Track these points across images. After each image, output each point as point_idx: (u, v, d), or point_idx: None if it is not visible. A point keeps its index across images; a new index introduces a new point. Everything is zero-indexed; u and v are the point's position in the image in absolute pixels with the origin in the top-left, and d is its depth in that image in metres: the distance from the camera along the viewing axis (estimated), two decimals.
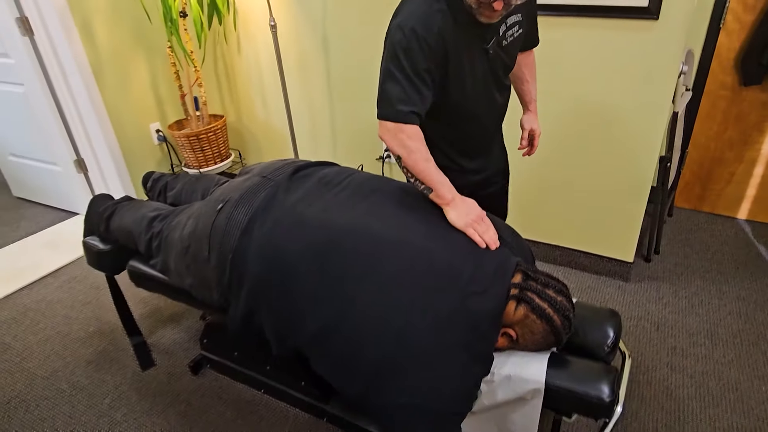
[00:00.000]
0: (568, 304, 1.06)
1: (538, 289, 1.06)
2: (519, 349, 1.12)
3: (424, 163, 1.17)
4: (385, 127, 1.18)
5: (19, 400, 1.71)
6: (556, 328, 1.05)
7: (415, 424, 0.99)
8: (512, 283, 1.07)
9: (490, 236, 1.15)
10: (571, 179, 2.03)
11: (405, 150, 1.16)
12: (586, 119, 1.89)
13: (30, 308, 2.16)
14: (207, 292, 1.30)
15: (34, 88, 2.52)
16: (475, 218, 1.17)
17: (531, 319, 1.05)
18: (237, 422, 1.59)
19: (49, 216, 2.92)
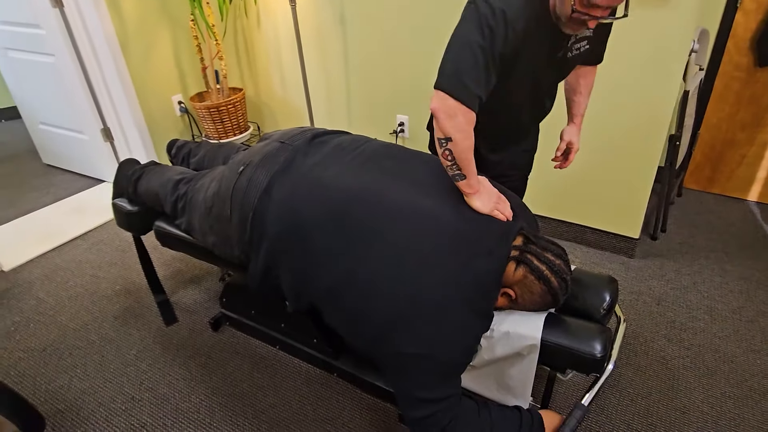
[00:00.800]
0: (565, 267, 1.13)
1: (538, 252, 1.12)
2: (518, 308, 1.19)
3: (469, 152, 1.14)
4: (444, 102, 1.10)
5: (53, 348, 1.85)
6: (553, 289, 1.12)
7: (421, 372, 1.08)
8: (513, 246, 1.14)
9: (508, 212, 1.21)
10: (579, 155, 2.07)
11: (460, 134, 1.11)
12: (596, 95, 1.92)
13: (61, 267, 2.30)
14: (228, 249, 1.39)
15: (63, 59, 2.61)
16: (496, 200, 1.21)
17: (529, 279, 1.12)
18: (253, 375, 1.71)
19: (77, 183, 3.06)
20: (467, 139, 1.12)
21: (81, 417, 1.58)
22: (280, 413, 1.57)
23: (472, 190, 1.17)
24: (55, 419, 1.57)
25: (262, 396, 1.63)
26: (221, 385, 1.67)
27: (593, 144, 2.02)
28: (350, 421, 1.53)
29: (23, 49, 2.74)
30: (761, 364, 1.65)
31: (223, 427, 1.53)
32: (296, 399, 1.61)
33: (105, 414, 1.59)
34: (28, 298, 2.10)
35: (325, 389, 1.64)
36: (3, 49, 2.83)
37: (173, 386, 1.68)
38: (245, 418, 1.55)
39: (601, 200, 2.12)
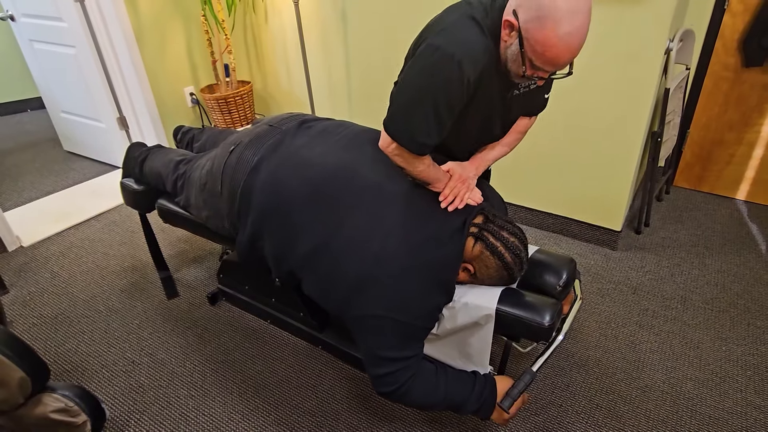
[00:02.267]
0: (519, 245, 1.22)
1: (494, 230, 1.22)
2: (477, 283, 1.29)
3: (425, 172, 1.22)
4: (391, 145, 1.16)
5: (64, 316, 2.00)
6: (507, 264, 1.21)
7: (383, 332, 1.18)
8: (473, 223, 1.24)
9: (477, 197, 1.31)
10: (563, 150, 2.15)
11: (410, 166, 1.20)
12: (576, 92, 2.00)
13: (75, 245, 2.46)
14: (220, 222, 1.52)
15: (84, 51, 2.78)
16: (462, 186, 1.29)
17: (485, 255, 1.21)
18: (245, 345, 1.83)
19: (94, 168, 3.23)
20: (418, 166, 1.20)
21: (85, 377, 1.72)
22: (266, 379, 1.69)
23: (439, 188, 1.28)
24: (62, 377, 1.72)
25: (251, 364, 1.75)
26: (214, 353, 1.80)
27: (575, 138, 2.10)
28: (330, 388, 1.65)
29: (47, 41, 2.92)
30: (726, 350, 1.72)
31: (213, 389, 1.65)
32: (282, 367, 1.73)
33: (107, 375, 1.73)
34: (43, 272, 2.26)
35: (310, 360, 1.76)
36: (29, 41, 3.02)
37: (171, 353, 1.81)
38: (234, 383, 1.68)
39: (585, 193, 2.20)
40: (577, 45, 0.99)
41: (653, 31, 1.75)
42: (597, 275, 2.11)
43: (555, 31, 0.96)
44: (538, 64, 1.03)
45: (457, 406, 1.23)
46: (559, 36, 0.96)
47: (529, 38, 1.00)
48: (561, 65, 1.03)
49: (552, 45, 0.98)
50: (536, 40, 0.99)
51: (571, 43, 0.98)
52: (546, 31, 0.96)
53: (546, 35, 0.97)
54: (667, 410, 1.52)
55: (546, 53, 1.00)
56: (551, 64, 1.02)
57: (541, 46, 0.99)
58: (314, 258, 1.27)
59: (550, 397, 1.58)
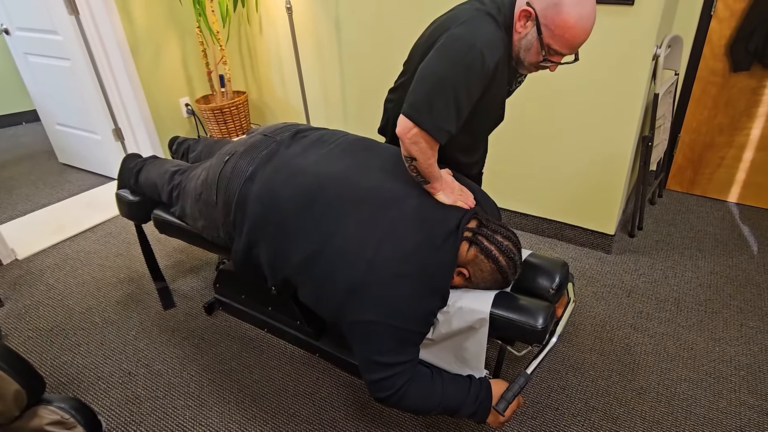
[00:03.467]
0: (513, 249, 1.24)
1: (488, 234, 1.23)
2: (472, 287, 1.30)
3: (432, 167, 1.25)
4: (410, 129, 1.18)
5: (59, 329, 2.00)
6: (502, 268, 1.22)
7: (378, 338, 1.19)
8: (467, 228, 1.25)
9: (471, 201, 1.34)
10: (555, 155, 2.18)
11: (423, 155, 1.21)
12: (567, 100, 2.03)
13: (70, 257, 2.46)
14: (215, 232, 1.53)
15: (79, 63, 2.80)
16: (458, 193, 1.34)
17: (480, 258, 1.22)
18: (241, 354, 1.83)
19: (90, 180, 3.24)
20: (430, 158, 1.22)
21: (81, 389, 1.72)
22: (264, 388, 1.69)
23: (435, 190, 1.30)
24: (57, 390, 1.71)
25: (248, 373, 1.75)
26: (211, 363, 1.80)
27: (567, 143, 2.13)
28: (328, 396, 1.65)
29: (42, 54, 2.94)
30: (719, 351, 1.73)
31: (210, 400, 1.65)
32: (279, 376, 1.73)
33: (103, 386, 1.73)
34: (39, 285, 2.26)
35: (307, 368, 1.76)
36: (24, 54, 3.03)
37: (167, 363, 1.81)
38: (231, 392, 1.68)
39: (578, 198, 2.22)
40: (590, 26, 1.11)
41: (641, 38, 1.79)
42: (592, 279, 2.12)
43: (571, 14, 1.08)
44: (556, 47, 1.13)
45: (453, 410, 1.23)
46: (576, 17, 1.08)
47: (548, 24, 1.11)
48: (577, 47, 1.13)
49: (570, 27, 1.09)
50: (556, 25, 1.10)
51: (585, 25, 1.09)
52: (563, 15, 1.08)
53: (564, 19, 1.08)
54: (663, 411, 1.53)
55: (565, 35, 1.10)
56: (569, 46, 1.13)
57: (560, 29, 1.10)
58: (309, 265, 1.28)
59: (546, 401, 1.59)
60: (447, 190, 1.32)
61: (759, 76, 2.27)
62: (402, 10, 2.31)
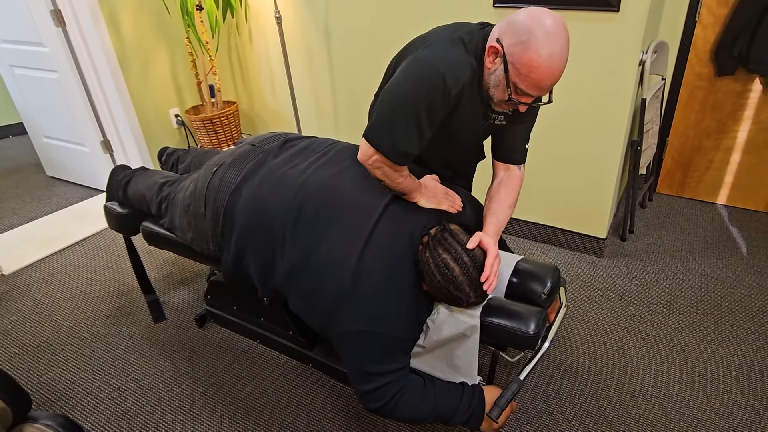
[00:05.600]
0: (468, 261, 1.14)
1: (430, 245, 1.16)
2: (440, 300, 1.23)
3: (401, 184, 1.23)
4: (372, 157, 1.16)
5: (47, 344, 1.96)
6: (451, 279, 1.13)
7: (367, 348, 1.18)
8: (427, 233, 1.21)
9: (457, 205, 1.34)
10: (546, 161, 2.19)
11: (389, 179, 1.20)
12: (556, 107, 2.04)
13: (58, 271, 2.43)
14: (204, 243, 1.51)
15: (66, 75, 2.78)
16: (441, 196, 1.33)
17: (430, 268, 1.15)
18: (233, 366, 1.81)
19: (78, 193, 3.21)
20: (397, 178, 1.20)
21: (69, 405, 1.69)
22: (256, 400, 1.67)
23: (414, 198, 1.29)
24: (45, 407, 1.68)
25: (240, 385, 1.73)
26: (203, 376, 1.78)
27: (557, 149, 2.14)
28: (322, 407, 1.63)
29: (28, 66, 2.92)
30: (711, 352, 1.74)
31: (201, 413, 1.63)
32: (272, 388, 1.71)
33: (92, 402, 1.69)
34: (25, 300, 2.22)
35: (300, 379, 1.74)
36: (9, 67, 3.01)
37: (158, 377, 1.78)
38: (223, 405, 1.65)
39: (569, 203, 2.23)
40: (558, 67, 1.04)
41: (627, 44, 1.80)
42: (584, 283, 2.13)
43: (538, 53, 1.01)
44: (523, 87, 1.08)
45: (446, 418, 1.22)
46: (543, 57, 1.02)
47: (514, 62, 1.05)
48: (544, 88, 1.08)
49: (536, 66, 1.03)
50: (522, 63, 1.04)
51: (553, 65, 1.03)
52: (530, 53, 1.02)
53: (530, 57, 1.02)
54: (656, 413, 1.53)
55: (531, 75, 1.04)
56: (535, 87, 1.07)
57: (526, 68, 1.04)
58: (295, 276, 1.27)
59: (541, 406, 1.58)
60: (428, 194, 1.31)
61: (744, 80, 2.30)
62: (391, 18, 2.32)
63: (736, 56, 2.21)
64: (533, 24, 1.02)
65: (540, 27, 1.01)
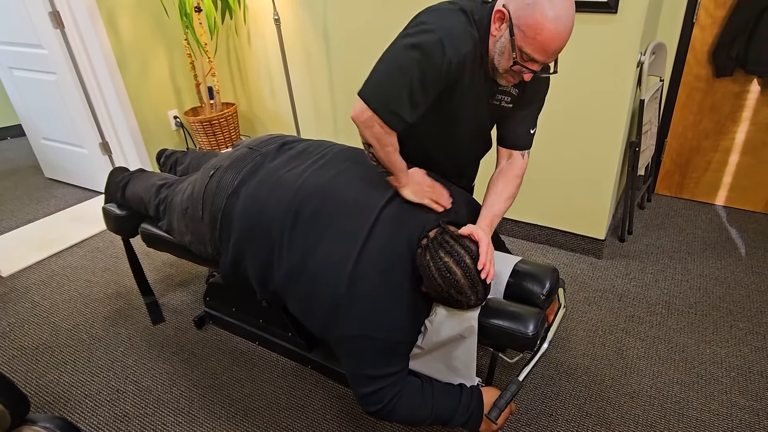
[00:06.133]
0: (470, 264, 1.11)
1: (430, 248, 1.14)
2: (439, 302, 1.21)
3: (392, 155, 1.18)
4: (364, 112, 1.12)
5: (45, 346, 1.96)
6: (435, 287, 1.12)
7: (365, 351, 1.18)
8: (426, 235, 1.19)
9: (444, 200, 1.29)
10: (545, 162, 2.19)
11: (378, 143, 1.15)
12: (555, 108, 2.05)
13: (57, 273, 2.42)
14: (202, 246, 1.51)
15: (64, 77, 2.78)
16: (427, 189, 1.27)
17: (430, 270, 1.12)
18: (232, 368, 1.81)
19: (77, 195, 3.20)
20: (387, 146, 1.16)
21: (68, 408, 1.68)
22: (255, 402, 1.66)
23: (399, 184, 1.24)
24: (43, 409, 1.67)
25: (239, 387, 1.73)
26: (202, 378, 1.77)
27: (556, 150, 2.14)
28: (321, 408, 1.63)
29: (27, 68, 2.92)
30: (710, 353, 1.74)
31: (200, 415, 1.62)
32: (271, 389, 1.71)
33: (91, 405, 1.69)
34: (24, 302, 2.22)
35: (299, 380, 1.74)
36: (8, 69, 3.01)
37: (156, 379, 1.78)
38: (222, 407, 1.65)
39: (568, 204, 2.23)
40: (564, 30, 1.03)
41: (625, 45, 1.81)
42: (583, 284, 2.13)
43: (545, 15, 1.01)
44: (528, 51, 1.06)
45: (445, 420, 1.22)
46: (549, 19, 1.01)
47: (520, 24, 1.04)
48: (550, 52, 1.06)
49: (542, 28, 1.02)
50: (528, 25, 1.03)
51: (560, 28, 1.02)
52: (537, 14, 1.01)
53: (537, 19, 1.01)
54: (655, 414, 1.53)
55: (537, 37, 1.03)
56: (542, 51, 1.05)
57: (532, 30, 1.03)
58: (293, 279, 1.26)
59: (540, 407, 1.58)
60: (413, 185, 1.26)
61: (741, 81, 2.30)
62: (389, 20, 2.32)
63: (734, 57, 2.21)
64: None
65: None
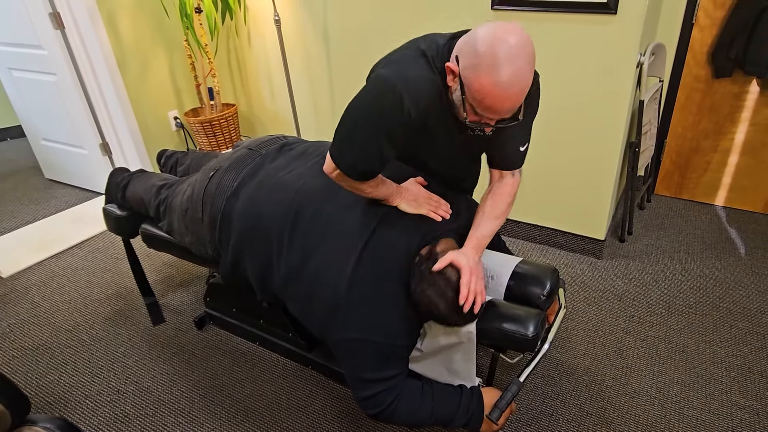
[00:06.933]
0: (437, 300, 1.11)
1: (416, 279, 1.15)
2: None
3: (374, 191, 1.20)
4: (334, 172, 1.14)
5: (45, 347, 1.96)
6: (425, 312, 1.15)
7: (363, 355, 1.18)
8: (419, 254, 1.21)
9: (442, 210, 1.29)
10: (545, 163, 2.19)
11: (357, 190, 1.18)
12: (555, 109, 2.05)
13: (57, 274, 2.42)
14: (203, 247, 1.51)
15: (64, 78, 2.78)
16: (423, 201, 1.28)
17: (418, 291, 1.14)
18: (233, 369, 1.81)
19: (77, 196, 3.20)
20: (366, 189, 1.17)
21: (68, 408, 1.68)
22: (256, 402, 1.66)
23: (393, 203, 1.26)
24: (43, 410, 1.67)
25: (239, 388, 1.73)
26: (202, 378, 1.77)
27: (555, 151, 2.14)
28: (322, 409, 1.63)
29: (27, 69, 2.92)
30: (710, 353, 1.74)
31: (200, 416, 1.62)
32: (272, 390, 1.71)
33: (91, 405, 1.69)
34: (24, 303, 2.22)
35: (300, 381, 1.74)
36: (7, 70, 3.01)
37: (157, 380, 1.78)
38: (222, 407, 1.65)
39: (568, 205, 2.23)
40: (515, 93, 0.96)
41: (625, 46, 1.81)
42: (583, 284, 2.13)
43: (491, 78, 0.93)
44: (479, 111, 1.01)
45: (446, 422, 1.22)
46: (496, 83, 0.94)
47: (468, 85, 0.98)
48: (502, 113, 1.00)
49: (488, 93, 0.95)
50: (474, 88, 0.97)
51: (508, 92, 0.95)
52: (482, 79, 0.94)
53: (482, 83, 0.95)
54: (656, 414, 1.53)
55: (484, 101, 0.97)
56: (492, 112, 1.00)
57: (479, 93, 0.97)
58: (291, 282, 1.26)
59: (540, 407, 1.58)
60: (409, 198, 1.26)
61: (741, 82, 2.31)
62: (389, 21, 2.32)
63: (733, 58, 2.22)
64: (489, 44, 0.93)
65: (496, 48, 0.92)
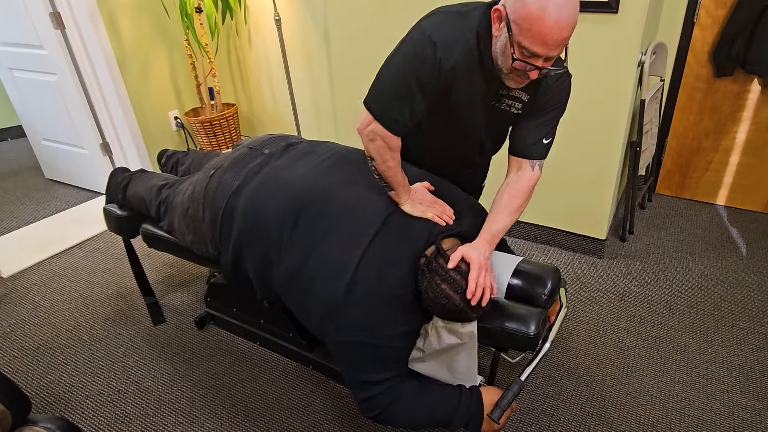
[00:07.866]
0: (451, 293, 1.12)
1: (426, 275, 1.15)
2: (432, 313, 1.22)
3: (393, 170, 1.21)
4: (367, 123, 1.16)
5: (46, 347, 1.96)
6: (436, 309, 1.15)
7: (360, 357, 1.18)
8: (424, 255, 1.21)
9: (446, 216, 1.29)
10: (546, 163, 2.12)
11: (379, 156, 1.18)
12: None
13: (57, 273, 2.42)
14: (203, 246, 1.51)
15: (65, 78, 2.78)
16: (428, 204, 1.29)
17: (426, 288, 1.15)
18: (233, 369, 1.81)
19: (77, 196, 3.20)
20: (389, 160, 1.18)
21: (69, 408, 1.68)
22: (256, 402, 1.66)
23: (399, 200, 1.26)
24: (44, 410, 1.67)
25: (240, 387, 1.72)
26: (203, 378, 1.77)
27: (557, 149, 2.13)
28: (322, 408, 1.62)
29: (27, 69, 2.92)
30: (712, 352, 1.74)
31: (201, 416, 1.62)
32: (273, 390, 1.71)
33: (92, 405, 1.69)
34: (24, 303, 2.22)
35: (301, 380, 1.74)
36: (8, 70, 3.01)
37: (157, 380, 1.77)
38: (223, 407, 1.65)
39: (569, 204, 2.23)
40: (562, 18, 0.95)
41: (626, 45, 1.81)
42: (584, 284, 2.13)
43: (538, 4, 0.95)
44: (527, 44, 1.00)
45: (445, 423, 1.21)
46: (543, 8, 0.94)
47: (515, 18, 0.99)
48: (550, 43, 0.99)
49: (536, 18, 0.95)
50: (522, 17, 0.97)
51: (557, 16, 0.95)
52: (530, 5, 0.96)
53: (530, 9, 0.96)
54: (657, 414, 1.53)
55: (533, 27, 0.97)
56: (540, 42, 0.98)
57: (527, 21, 0.97)
58: (291, 281, 1.26)
59: (542, 407, 1.58)
60: (414, 199, 1.28)
61: (742, 81, 2.30)
62: (390, 20, 2.32)
63: (735, 57, 2.21)
64: None
65: None
